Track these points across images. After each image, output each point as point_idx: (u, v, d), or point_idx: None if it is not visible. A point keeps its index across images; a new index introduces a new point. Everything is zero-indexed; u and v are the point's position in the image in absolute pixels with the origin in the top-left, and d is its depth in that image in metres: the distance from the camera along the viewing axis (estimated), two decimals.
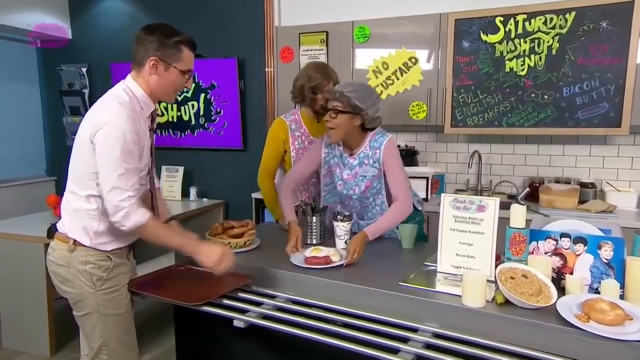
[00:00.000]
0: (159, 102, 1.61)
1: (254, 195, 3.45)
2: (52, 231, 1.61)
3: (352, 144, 1.96)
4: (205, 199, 3.90)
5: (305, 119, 2.36)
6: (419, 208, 2.14)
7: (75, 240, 1.50)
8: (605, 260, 1.35)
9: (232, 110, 3.81)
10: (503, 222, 1.45)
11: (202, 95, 3.89)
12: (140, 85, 1.50)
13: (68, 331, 2.65)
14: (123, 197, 1.39)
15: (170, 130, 4.06)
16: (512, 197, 2.99)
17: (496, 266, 1.40)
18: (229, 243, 1.78)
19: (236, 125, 3.81)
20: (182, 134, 4.04)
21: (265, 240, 1.93)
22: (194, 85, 3.88)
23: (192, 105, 3.94)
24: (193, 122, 3.97)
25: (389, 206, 1.96)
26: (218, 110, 3.87)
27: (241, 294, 1.54)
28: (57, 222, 1.60)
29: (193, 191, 3.86)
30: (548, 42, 2.69)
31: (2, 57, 4.25)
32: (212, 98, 3.86)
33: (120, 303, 1.54)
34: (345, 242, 1.86)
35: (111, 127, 1.39)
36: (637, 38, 2.50)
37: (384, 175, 1.95)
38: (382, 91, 3.13)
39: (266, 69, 3.68)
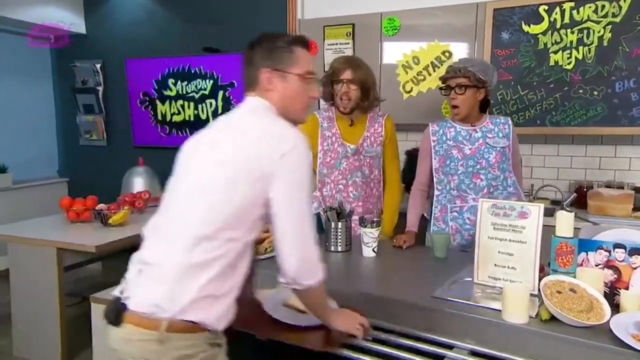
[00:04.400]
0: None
1: None
2: (119, 310, 1.10)
3: (474, 120, 2.10)
4: None
5: (340, 119, 2.30)
6: None
7: (173, 323, 1.05)
8: None
9: None
10: (545, 230, 1.42)
11: (221, 93, 3.94)
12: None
13: (81, 340, 2.72)
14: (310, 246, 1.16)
15: (187, 130, 4.12)
16: (556, 203, 2.91)
17: (540, 279, 1.37)
18: None
19: None
20: None
21: None
22: (211, 82, 3.94)
23: (210, 104, 4.00)
24: (211, 121, 4.01)
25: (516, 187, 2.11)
26: None
27: None
28: (123, 296, 1.12)
29: None
30: (599, 32, 2.61)
31: (15, 53, 4.41)
32: (232, 96, 3.91)
33: None
34: (373, 250, 1.85)
35: (297, 154, 1.15)
36: None
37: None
38: (412, 87, 3.10)
39: None
